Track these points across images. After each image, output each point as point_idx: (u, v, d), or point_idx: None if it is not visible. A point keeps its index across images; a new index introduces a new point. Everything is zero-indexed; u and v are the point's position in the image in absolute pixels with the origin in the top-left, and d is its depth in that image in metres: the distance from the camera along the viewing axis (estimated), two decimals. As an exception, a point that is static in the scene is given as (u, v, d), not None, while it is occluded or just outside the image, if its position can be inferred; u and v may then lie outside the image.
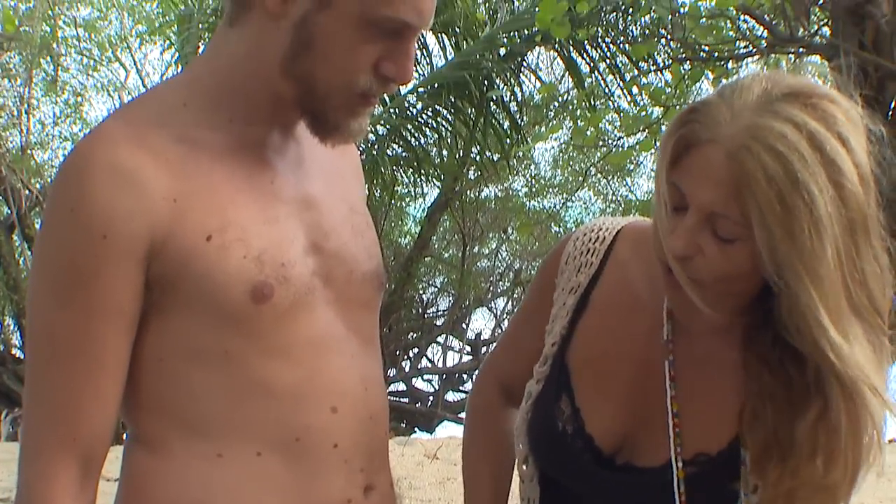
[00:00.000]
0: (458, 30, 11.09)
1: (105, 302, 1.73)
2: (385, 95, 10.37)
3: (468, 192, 17.79)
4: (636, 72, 9.98)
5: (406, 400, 19.66)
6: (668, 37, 8.86)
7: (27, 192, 14.55)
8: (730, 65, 8.79)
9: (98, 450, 1.76)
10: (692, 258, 1.79)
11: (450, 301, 21.75)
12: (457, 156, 12.65)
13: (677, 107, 9.34)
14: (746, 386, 1.87)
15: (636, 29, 10.08)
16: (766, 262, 1.76)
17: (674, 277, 1.84)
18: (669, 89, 9.34)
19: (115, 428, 1.79)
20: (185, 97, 1.84)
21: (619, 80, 10.34)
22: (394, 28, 1.79)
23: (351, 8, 1.77)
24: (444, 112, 11.10)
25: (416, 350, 21.32)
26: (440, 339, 21.61)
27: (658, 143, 12.09)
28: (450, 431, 17.15)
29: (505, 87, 11.21)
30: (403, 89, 11.20)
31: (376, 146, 10.93)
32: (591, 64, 10.33)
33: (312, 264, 1.85)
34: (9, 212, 14.85)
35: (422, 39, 11.25)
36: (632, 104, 11.28)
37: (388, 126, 10.92)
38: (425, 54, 11.48)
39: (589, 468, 1.95)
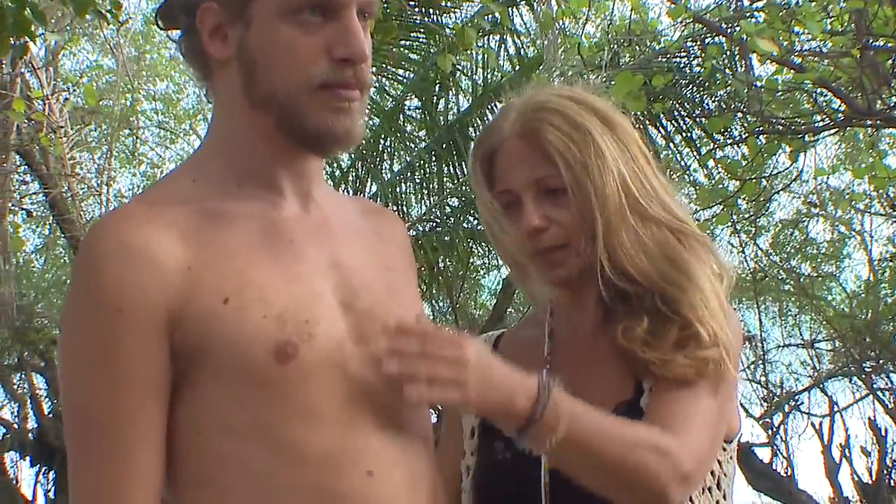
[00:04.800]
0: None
1: (129, 375, 1.72)
2: (455, 168, 10.35)
3: (543, 265, 17.76)
4: (712, 145, 9.93)
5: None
6: (745, 110, 8.80)
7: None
8: (806, 138, 8.72)
9: None
10: (548, 229, 2.17)
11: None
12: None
13: (753, 180, 9.29)
14: (617, 344, 2.15)
15: (712, 103, 10.03)
16: (579, 201, 2.14)
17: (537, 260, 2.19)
18: (745, 163, 9.28)
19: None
20: (194, 173, 1.88)
21: (695, 153, 10.26)
22: (321, 9, 1.79)
23: (269, 8, 1.79)
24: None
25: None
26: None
27: (734, 216, 11.99)
28: None
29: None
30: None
31: (451, 219, 10.94)
32: (667, 137, 10.24)
33: (342, 322, 1.82)
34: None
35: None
36: (708, 178, 11.22)
37: (462, 198, 10.93)
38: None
39: (528, 472, 2.15)
